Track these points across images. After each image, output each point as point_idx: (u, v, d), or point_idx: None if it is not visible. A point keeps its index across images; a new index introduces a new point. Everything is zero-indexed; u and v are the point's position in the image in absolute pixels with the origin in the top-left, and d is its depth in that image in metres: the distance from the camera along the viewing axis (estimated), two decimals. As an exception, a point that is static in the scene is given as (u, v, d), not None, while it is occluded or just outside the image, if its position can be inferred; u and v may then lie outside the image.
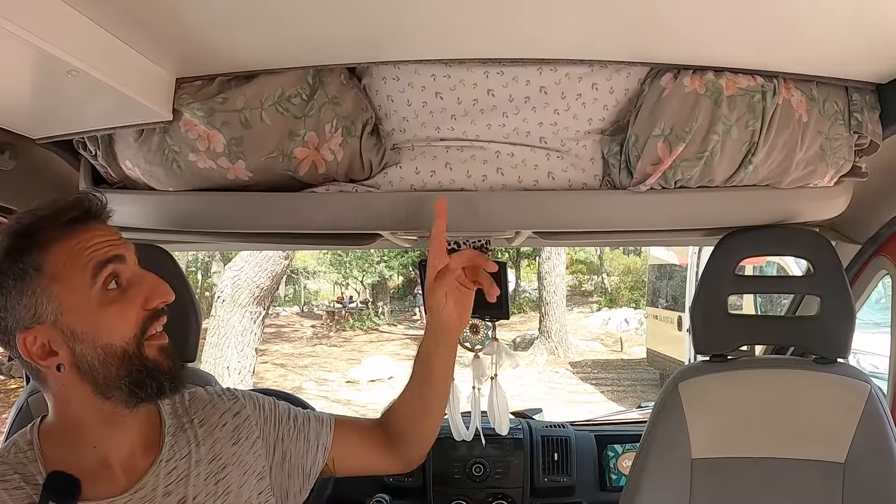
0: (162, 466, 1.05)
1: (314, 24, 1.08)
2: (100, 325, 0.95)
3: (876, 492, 1.34)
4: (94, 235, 0.99)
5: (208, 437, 1.11)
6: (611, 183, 1.35)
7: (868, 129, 1.33)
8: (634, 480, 1.44)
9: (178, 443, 1.09)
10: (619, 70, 1.27)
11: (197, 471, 1.07)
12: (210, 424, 1.13)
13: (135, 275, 1.01)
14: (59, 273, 0.94)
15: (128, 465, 1.03)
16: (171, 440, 1.09)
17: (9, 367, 11.62)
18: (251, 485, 1.12)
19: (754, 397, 1.42)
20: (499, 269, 1.74)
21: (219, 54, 1.18)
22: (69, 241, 0.96)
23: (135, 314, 0.98)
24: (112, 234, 1.02)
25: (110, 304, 0.96)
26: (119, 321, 0.97)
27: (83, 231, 0.98)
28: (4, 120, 1.29)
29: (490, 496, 2.16)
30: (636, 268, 18.26)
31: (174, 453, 1.08)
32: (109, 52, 1.06)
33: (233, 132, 1.25)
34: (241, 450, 1.13)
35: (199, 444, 1.10)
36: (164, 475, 1.05)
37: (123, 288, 0.99)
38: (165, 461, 1.06)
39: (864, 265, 1.80)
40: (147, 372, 0.99)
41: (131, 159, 1.36)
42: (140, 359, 0.98)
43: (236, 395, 1.19)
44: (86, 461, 1.00)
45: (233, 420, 1.15)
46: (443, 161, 1.32)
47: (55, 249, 0.95)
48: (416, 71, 1.26)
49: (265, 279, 6.50)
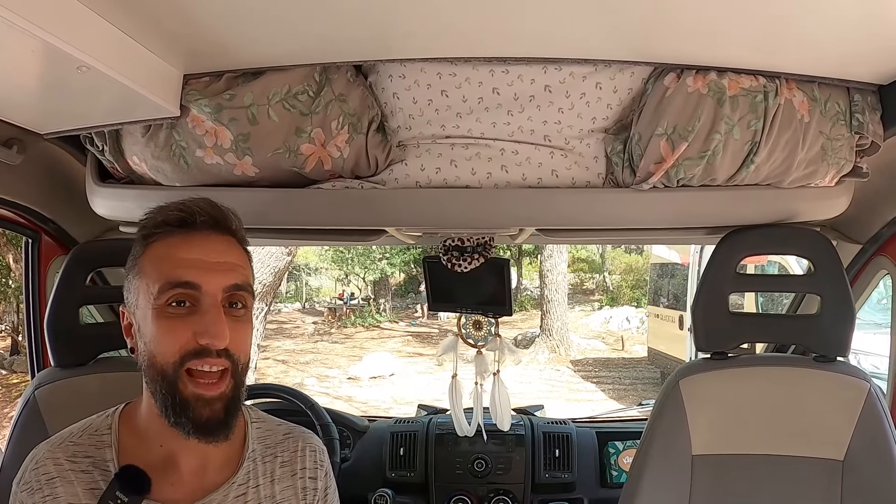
0: (233, 488, 1.05)
1: (321, 22, 1.09)
2: (150, 333, 0.96)
3: (874, 489, 1.35)
4: (194, 248, 0.97)
5: (282, 480, 1.10)
6: (614, 181, 1.36)
7: (869, 129, 1.33)
8: (635, 476, 1.45)
9: (256, 471, 1.09)
10: (623, 69, 1.28)
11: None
12: (288, 470, 1.12)
13: (208, 304, 0.96)
14: (144, 271, 0.98)
15: (198, 476, 1.03)
16: (250, 465, 1.08)
17: (10, 362, 11.66)
18: None
19: (754, 395, 1.43)
20: (502, 267, 1.77)
21: (226, 51, 1.19)
22: (165, 243, 0.98)
23: (183, 339, 0.94)
24: (214, 253, 0.98)
25: (165, 318, 0.95)
26: (166, 339, 0.95)
27: (185, 237, 0.98)
28: (12, 115, 1.31)
29: (491, 492, 2.16)
30: (638, 266, 18.24)
31: (248, 479, 1.07)
32: (118, 47, 1.07)
33: (240, 128, 1.27)
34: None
35: (275, 482, 1.09)
36: (233, 497, 1.05)
37: (191, 310, 0.95)
38: (238, 484, 1.06)
39: (865, 265, 1.80)
40: (175, 402, 0.95)
41: (138, 154, 1.37)
42: (173, 387, 0.95)
43: (323, 464, 1.17)
44: (153, 456, 1.01)
45: (309, 482, 1.13)
46: (448, 158, 1.33)
47: (151, 248, 0.98)
48: (423, 69, 1.27)
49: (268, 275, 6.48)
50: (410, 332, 17.11)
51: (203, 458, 1.04)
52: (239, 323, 0.99)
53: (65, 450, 1.01)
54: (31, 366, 1.94)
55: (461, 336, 1.94)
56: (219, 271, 0.97)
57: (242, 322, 1.00)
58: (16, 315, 13.37)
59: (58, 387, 1.50)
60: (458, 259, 1.66)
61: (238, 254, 1.02)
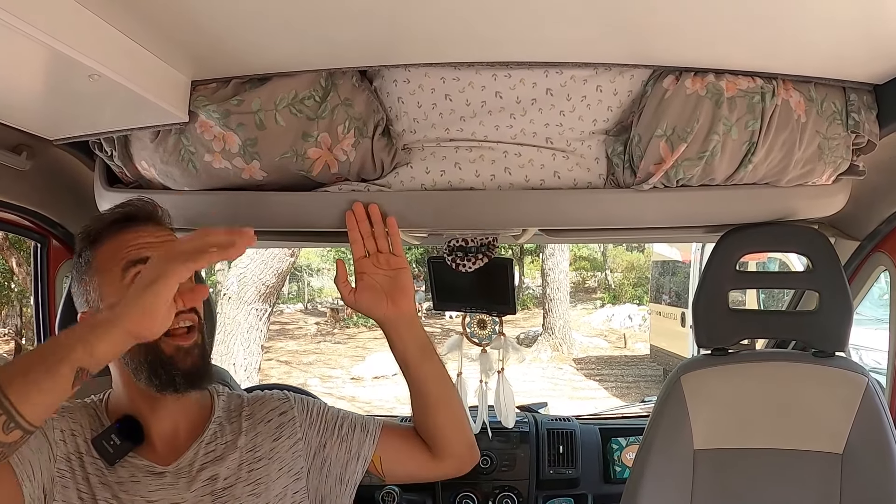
0: (201, 447, 1.15)
1: (327, 28, 1.10)
2: None
3: (873, 482, 1.37)
4: (138, 236, 1.11)
5: (251, 430, 1.19)
6: (615, 182, 1.37)
7: (865, 128, 1.35)
8: (638, 471, 1.47)
9: (223, 429, 1.18)
10: (623, 72, 1.29)
11: (233, 456, 1.15)
12: (255, 419, 1.21)
13: None
14: (101, 267, 1.10)
15: (170, 443, 1.14)
16: (215, 427, 1.18)
17: (11, 363, 11.68)
18: (284, 482, 1.17)
19: (755, 390, 1.45)
20: (505, 266, 1.79)
21: (233, 57, 1.21)
22: (114, 241, 1.11)
23: None
24: (156, 235, 1.13)
25: None
26: None
27: (128, 232, 1.11)
28: (22, 122, 1.32)
29: (497, 488, 2.19)
30: (639, 264, 18.22)
31: (215, 438, 1.17)
32: (128, 55, 1.09)
33: (248, 133, 1.28)
34: (280, 446, 1.19)
35: (242, 433, 1.18)
36: (202, 455, 1.14)
37: None
38: (205, 443, 1.15)
39: (863, 261, 1.82)
40: (161, 363, 1.07)
41: (147, 160, 1.39)
42: (155, 351, 1.06)
43: (287, 397, 1.27)
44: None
45: (278, 418, 1.22)
46: (452, 161, 1.35)
47: (102, 247, 1.11)
48: (426, 73, 1.29)
49: (271, 276, 6.51)
50: (413, 331, 17.07)
51: (174, 426, 1.15)
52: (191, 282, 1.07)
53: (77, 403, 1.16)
54: None
55: (466, 335, 1.96)
56: (161, 245, 1.11)
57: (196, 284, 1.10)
58: (19, 319, 13.36)
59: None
60: (462, 259, 1.67)
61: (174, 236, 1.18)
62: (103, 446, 1.07)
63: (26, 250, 9.89)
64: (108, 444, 1.07)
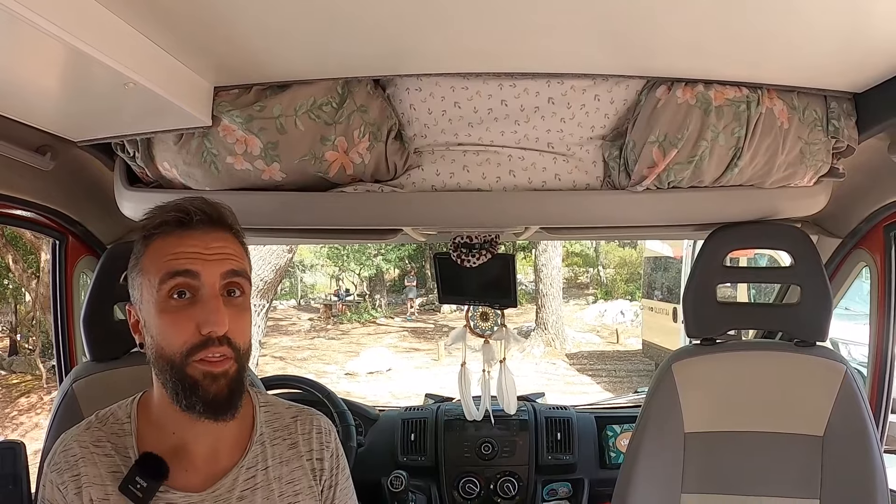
0: (242, 472, 1.09)
1: (344, 40, 1.16)
2: (156, 327, 1.01)
3: (852, 462, 1.45)
4: (190, 242, 1.02)
5: (291, 462, 1.13)
6: (611, 184, 1.45)
7: (845, 134, 1.42)
8: (632, 453, 1.54)
9: (264, 453, 1.12)
10: (619, 83, 1.37)
11: (271, 486, 1.10)
12: (297, 451, 1.15)
13: (207, 294, 1.00)
14: (146, 269, 1.03)
15: (210, 463, 1.08)
16: (259, 448, 1.12)
17: (10, 363, 11.60)
18: None
19: (741, 377, 1.53)
20: (507, 262, 1.88)
21: (255, 65, 1.26)
22: (164, 241, 1.03)
23: (188, 333, 0.99)
24: (209, 247, 1.02)
25: (168, 313, 1.00)
26: (171, 332, 1.00)
27: (178, 236, 1.02)
28: (48, 124, 1.36)
29: (498, 473, 2.27)
30: (632, 260, 18.17)
31: (256, 462, 1.10)
32: (158, 63, 1.14)
33: (269, 137, 1.35)
34: (312, 491, 1.14)
35: (283, 464, 1.12)
36: (243, 480, 1.09)
37: (191, 301, 1.00)
38: (247, 467, 1.09)
39: (845, 257, 1.90)
40: (185, 387, 1.00)
41: (169, 161, 1.45)
42: (182, 374, 1.00)
43: (328, 443, 1.19)
44: (167, 444, 1.06)
45: (317, 463, 1.16)
46: (461, 164, 1.42)
47: (151, 247, 1.03)
48: (437, 83, 1.37)
49: (269, 272, 6.45)
50: (406, 327, 17.07)
51: (215, 444, 1.08)
52: (237, 310, 1.03)
53: (90, 434, 1.08)
54: (59, 361, 1.99)
55: (469, 327, 2.03)
56: (215, 260, 1.02)
57: (241, 309, 1.04)
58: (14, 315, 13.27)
59: (93, 379, 1.55)
60: (466, 255, 1.75)
61: (234, 245, 1.06)
62: (131, 491, 1.02)
63: (22, 247, 9.84)
64: (135, 489, 1.02)
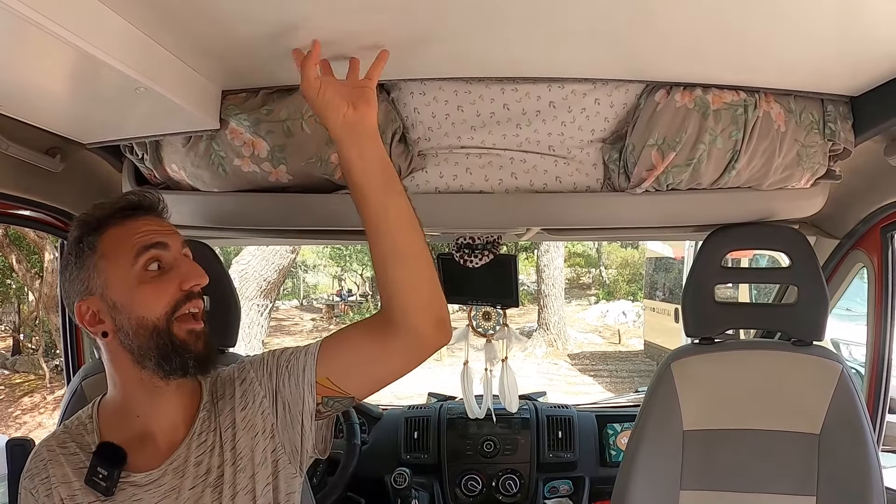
0: (194, 439, 1.14)
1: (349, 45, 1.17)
2: (136, 300, 1.07)
3: (847, 459, 1.48)
4: (144, 224, 1.12)
5: (224, 408, 1.17)
6: (611, 186, 1.47)
7: (841, 137, 1.44)
8: (632, 450, 1.57)
9: (210, 417, 1.16)
10: (619, 87, 1.39)
11: (220, 441, 1.14)
12: (226, 397, 1.18)
13: (175, 260, 1.11)
14: (108, 252, 1.09)
15: (169, 437, 1.13)
16: (205, 414, 1.16)
17: (13, 362, 11.64)
18: (262, 445, 1.15)
19: (739, 375, 1.55)
20: (509, 262, 1.90)
21: (262, 70, 1.29)
22: (120, 227, 1.11)
23: (170, 294, 1.08)
24: (161, 225, 1.14)
25: (148, 283, 1.08)
26: (153, 298, 1.07)
27: (134, 220, 1.12)
28: (59, 126, 1.38)
29: (500, 471, 2.31)
30: (633, 261, 18.11)
31: (205, 427, 1.15)
32: (167, 68, 1.16)
33: (276, 140, 1.37)
34: (249, 413, 1.16)
35: (219, 415, 1.16)
36: (196, 447, 1.13)
37: (163, 271, 1.09)
38: (197, 434, 1.14)
39: (843, 258, 1.92)
40: (173, 348, 1.08)
41: (177, 163, 1.47)
42: (168, 335, 1.07)
43: (243, 364, 1.21)
44: (131, 431, 1.12)
45: (240, 387, 1.18)
46: (464, 166, 1.45)
47: (108, 233, 1.10)
48: (440, 87, 1.39)
49: (272, 272, 6.47)
50: (409, 327, 17.01)
51: (174, 419, 1.14)
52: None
53: (56, 438, 1.14)
54: (67, 360, 2.02)
55: (472, 326, 2.06)
56: (171, 234, 1.13)
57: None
58: (17, 315, 13.30)
59: (102, 377, 1.50)
60: (469, 256, 1.78)
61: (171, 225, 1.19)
62: (94, 482, 1.07)
63: (26, 247, 9.86)
64: (98, 479, 1.07)
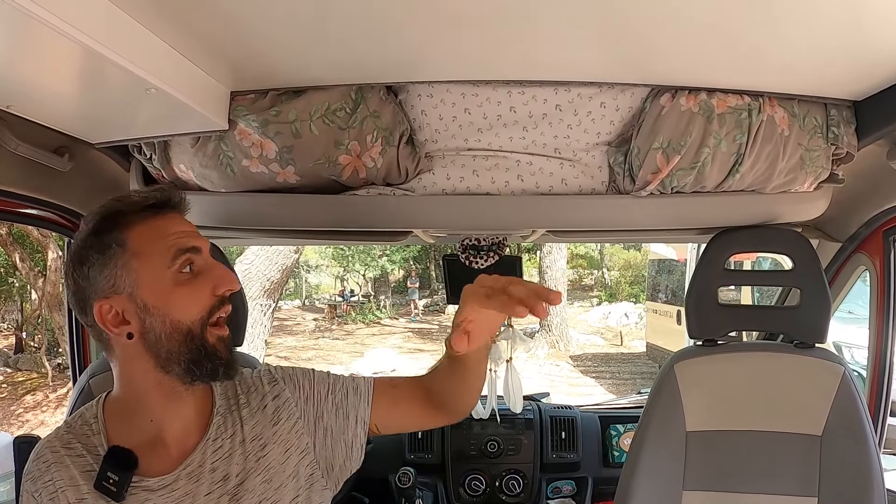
0: (209, 444, 1.11)
1: (358, 47, 1.20)
2: (171, 302, 1.03)
3: (849, 461, 1.48)
4: (175, 223, 1.08)
5: (250, 419, 1.15)
6: (616, 188, 1.49)
7: (844, 140, 1.46)
8: (635, 451, 1.58)
9: (226, 423, 1.14)
10: (624, 90, 1.41)
11: (241, 449, 1.12)
12: (252, 407, 1.16)
13: (207, 264, 1.08)
14: (140, 250, 1.03)
15: (181, 442, 1.10)
16: (220, 420, 1.14)
17: (15, 360, 11.68)
18: (294, 460, 1.14)
19: (742, 377, 1.56)
20: (514, 263, 1.91)
21: (271, 71, 1.30)
22: (151, 224, 1.05)
23: (204, 298, 1.05)
24: (189, 225, 1.10)
25: (183, 286, 1.04)
26: (189, 301, 1.04)
27: (162, 218, 1.07)
28: (67, 126, 1.39)
29: (504, 471, 2.32)
30: (636, 263, 18.16)
31: (221, 433, 1.12)
32: (177, 68, 1.17)
33: (284, 141, 1.39)
34: (281, 429, 1.15)
35: (243, 425, 1.14)
36: (211, 452, 1.10)
37: (195, 274, 1.06)
38: (212, 440, 1.11)
39: (846, 261, 1.94)
40: (205, 353, 1.05)
41: (186, 163, 1.48)
42: (201, 340, 1.04)
43: (275, 379, 1.21)
44: (143, 435, 1.08)
45: (272, 402, 1.17)
46: (470, 168, 1.46)
47: (137, 229, 1.04)
48: (448, 89, 1.40)
49: (275, 272, 6.47)
50: (411, 328, 17.09)
51: (187, 424, 1.11)
52: None
53: (60, 438, 1.10)
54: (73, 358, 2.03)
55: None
56: (199, 237, 1.10)
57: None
58: (20, 313, 13.35)
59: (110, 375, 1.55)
60: (474, 257, 1.79)
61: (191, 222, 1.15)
62: (105, 487, 1.03)
63: (29, 246, 9.89)
64: (108, 484, 1.03)
